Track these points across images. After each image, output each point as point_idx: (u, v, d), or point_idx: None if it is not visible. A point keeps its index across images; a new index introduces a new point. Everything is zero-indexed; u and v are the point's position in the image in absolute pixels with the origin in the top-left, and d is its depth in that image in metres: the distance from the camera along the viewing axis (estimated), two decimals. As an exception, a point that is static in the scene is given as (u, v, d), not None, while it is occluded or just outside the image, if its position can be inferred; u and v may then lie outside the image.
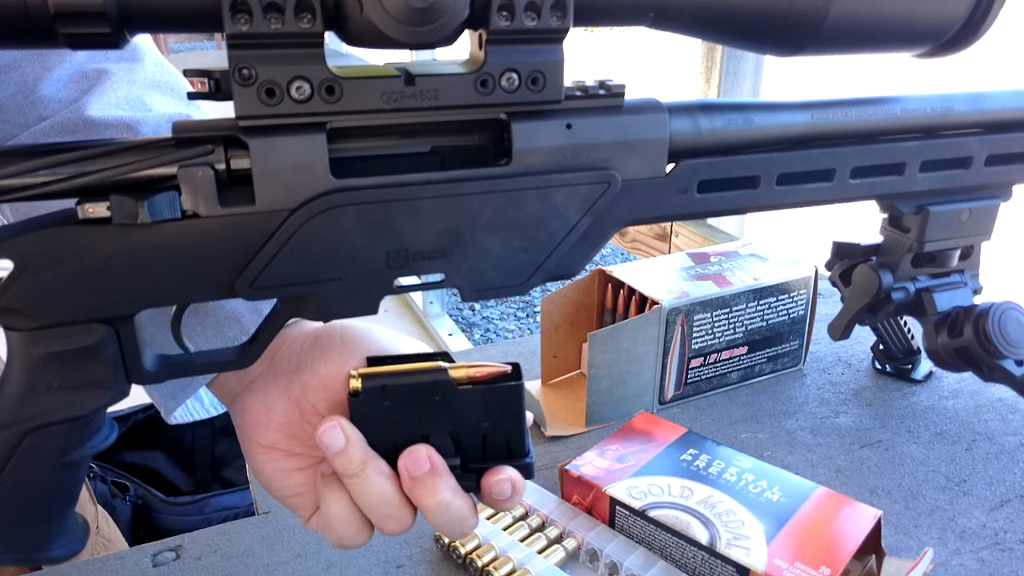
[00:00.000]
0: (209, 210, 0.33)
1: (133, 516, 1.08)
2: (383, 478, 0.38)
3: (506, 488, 0.38)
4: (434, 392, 0.38)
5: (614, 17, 0.35)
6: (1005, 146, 0.51)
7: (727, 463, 0.57)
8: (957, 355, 0.60)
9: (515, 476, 0.39)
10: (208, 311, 0.47)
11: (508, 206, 0.37)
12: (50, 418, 0.35)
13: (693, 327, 0.70)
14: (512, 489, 0.39)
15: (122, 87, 0.49)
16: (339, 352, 0.40)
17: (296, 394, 0.41)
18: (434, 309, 2.68)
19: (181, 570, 0.55)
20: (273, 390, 0.41)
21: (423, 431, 0.39)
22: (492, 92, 0.34)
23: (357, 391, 0.38)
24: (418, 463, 0.37)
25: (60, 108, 0.47)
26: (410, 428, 0.38)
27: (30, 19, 0.28)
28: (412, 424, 0.38)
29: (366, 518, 0.40)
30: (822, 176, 0.45)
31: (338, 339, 0.41)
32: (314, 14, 0.30)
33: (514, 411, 0.39)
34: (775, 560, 0.48)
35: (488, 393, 0.38)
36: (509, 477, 0.38)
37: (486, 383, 0.38)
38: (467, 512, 0.39)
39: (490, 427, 0.39)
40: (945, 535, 0.57)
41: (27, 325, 0.33)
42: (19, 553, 0.37)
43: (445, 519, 0.38)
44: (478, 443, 0.39)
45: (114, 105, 0.47)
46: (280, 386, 0.41)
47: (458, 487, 0.38)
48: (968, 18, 0.39)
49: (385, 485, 0.38)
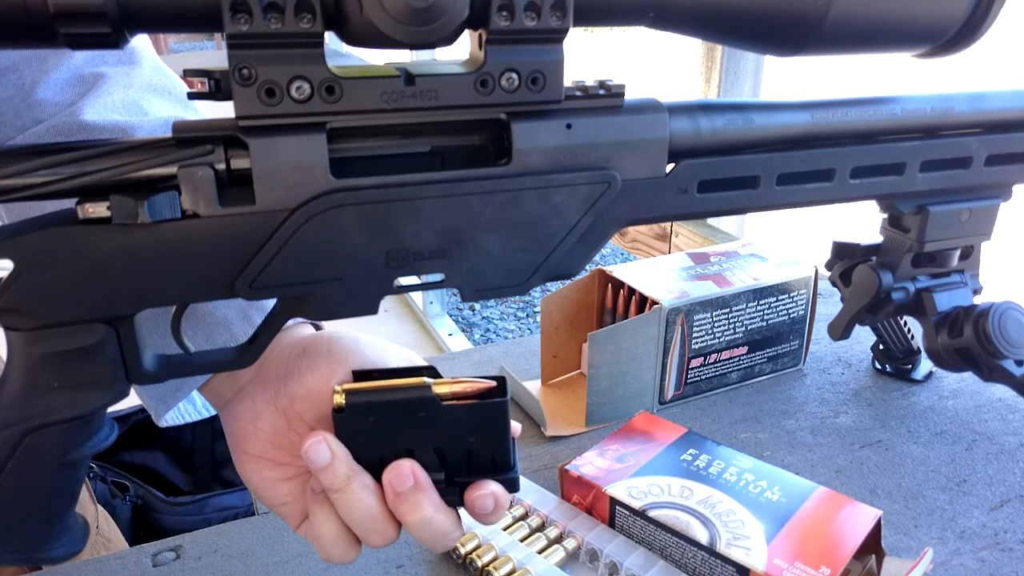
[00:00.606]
0: (209, 210, 0.33)
1: (133, 516, 1.08)
2: (368, 493, 0.38)
3: (489, 503, 0.39)
4: (419, 408, 0.38)
5: (614, 17, 0.35)
6: (1005, 146, 0.51)
7: (727, 463, 0.57)
8: (957, 355, 0.60)
9: (498, 491, 0.39)
10: (198, 317, 0.47)
11: (508, 206, 0.37)
12: (50, 418, 0.35)
13: (693, 327, 0.70)
14: (495, 504, 0.39)
15: (119, 91, 0.49)
16: (326, 363, 0.40)
17: (283, 404, 0.41)
18: (434, 309, 2.68)
19: (181, 570, 0.55)
20: (261, 399, 0.41)
21: (408, 446, 0.39)
22: (492, 92, 0.34)
23: (341, 407, 0.38)
24: (402, 478, 0.38)
25: (56, 111, 0.47)
26: (395, 443, 0.38)
27: (30, 19, 0.28)
28: (397, 439, 0.38)
29: (355, 536, 0.40)
30: (822, 176, 0.45)
31: (325, 350, 0.41)
32: (314, 14, 0.30)
33: (499, 426, 0.39)
34: (775, 560, 0.48)
35: (473, 409, 0.38)
36: (492, 492, 0.39)
37: (471, 399, 0.38)
38: (449, 527, 0.39)
39: (475, 442, 0.39)
40: (945, 535, 0.57)
41: (27, 325, 0.33)
42: (19, 553, 0.37)
43: (427, 534, 0.38)
44: (463, 457, 0.39)
45: (110, 109, 0.47)
46: (268, 395, 0.41)
47: (441, 502, 0.38)
48: (968, 18, 0.39)
49: (370, 500, 0.38)
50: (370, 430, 0.38)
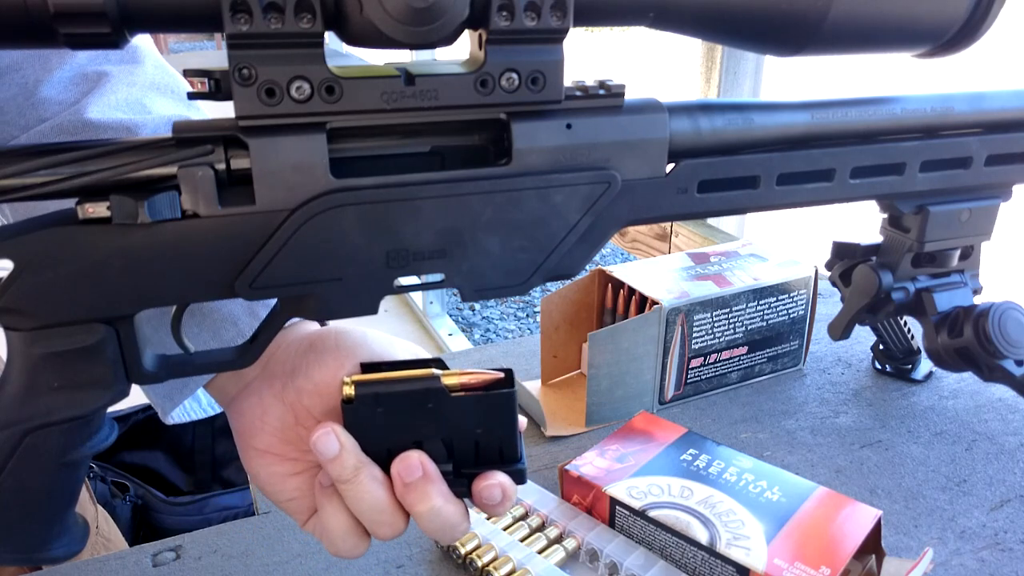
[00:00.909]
0: (209, 210, 0.33)
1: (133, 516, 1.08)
2: (376, 484, 0.38)
3: (496, 493, 0.39)
4: (427, 399, 0.38)
5: (614, 17, 0.35)
6: (1005, 146, 0.51)
7: (727, 463, 0.57)
8: (957, 355, 0.60)
9: (505, 481, 0.39)
10: (205, 313, 0.47)
11: (508, 206, 0.37)
12: (50, 418, 0.35)
13: (693, 327, 0.70)
14: (503, 494, 0.39)
15: (122, 89, 0.49)
16: (334, 357, 0.40)
17: (291, 399, 0.41)
18: (434, 309, 2.68)
19: (181, 570, 0.55)
20: (268, 394, 0.41)
21: (416, 437, 0.39)
22: (492, 92, 0.34)
23: (350, 398, 0.38)
24: (410, 469, 0.38)
25: (60, 110, 0.47)
26: (403, 434, 0.39)
27: (30, 19, 0.28)
28: (405, 430, 0.38)
29: (364, 530, 0.40)
30: (822, 176, 0.45)
31: (333, 344, 0.41)
32: (314, 14, 0.30)
33: (507, 417, 0.39)
34: (775, 560, 0.48)
35: (481, 400, 0.38)
36: (499, 482, 0.39)
37: (479, 390, 0.39)
38: (458, 518, 0.39)
39: (483, 433, 0.39)
40: (945, 535, 0.57)
41: (27, 325, 0.33)
42: (19, 553, 0.37)
43: (436, 524, 0.38)
44: (471, 449, 0.39)
45: (114, 107, 0.47)
46: (275, 390, 0.41)
47: (450, 493, 0.39)
48: (968, 18, 0.39)
49: (378, 491, 0.38)
50: (379, 421, 0.38)
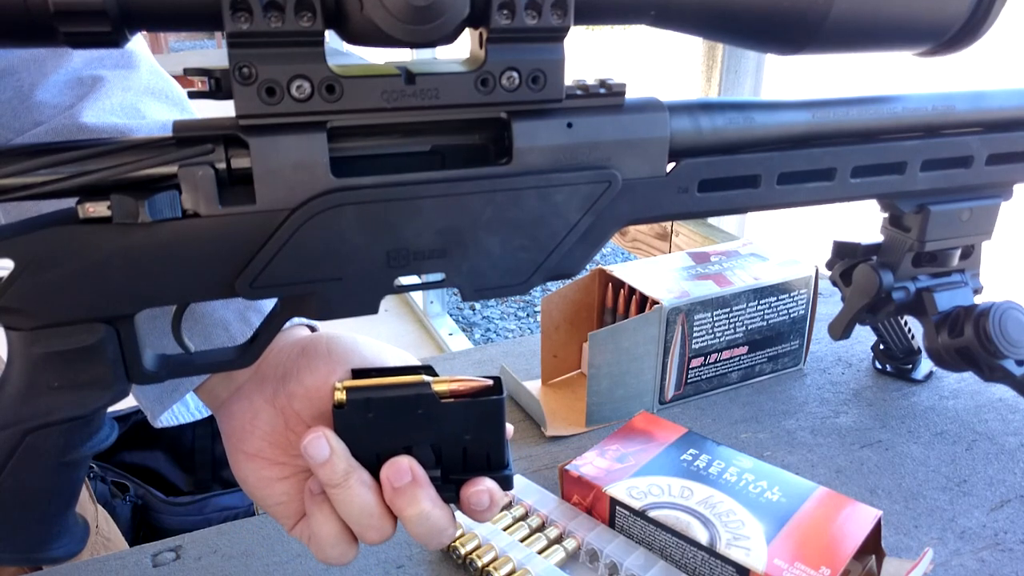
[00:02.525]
0: (210, 209, 0.33)
1: (133, 516, 1.08)
2: (365, 488, 0.38)
3: (484, 499, 0.39)
4: (417, 405, 0.38)
5: (615, 16, 0.35)
6: (1006, 145, 0.51)
7: (727, 463, 0.57)
8: (957, 355, 0.60)
9: (493, 487, 0.39)
10: (196, 318, 0.47)
11: (508, 205, 0.37)
12: (50, 418, 0.35)
13: (693, 327, 0.70)
14: (490, 500, 0.39)
15: (117, 94, 0.49)
16: (325, 363, 0.40)
17: (281, 403, 0.41)
18: (434, 309, 2.68)
19: (181, 570, 0.55)
20: (259, 398, 0.41)
21: (406, 443, 0.39)
22: (493, 91, 0.34)
23: (342, 403, 0.38)
24: (400, 474, 0.38)
25: (55, 114, 0.47)
26: (393, 440, 0.39)
27: (30, 18, 0.28)
28: (395, 436, 0.39)
29: (352, 536, 0.40)
30: (823, 175, 0.45)
31: (324, 350, 0.41)
32: (314, 12, 0.30)
33: (495, 424, 0.39)
34: (775, 560, 0.48)
35: (470, 407, 0.39)
36: (487, 488, 0.39)
37: (468, 397, 0.39)
38: (445, 523, 0.39)
39: (471, 440, 0.39)
40: (945, 535, 0.57)
41: (27, 325, 0.33)
42: (19, 553, 0.37)
43: (423, 529, 0.39)
44: (459, 455, 0.40)
45: (109, 112, 0.47)
46: (266, 394, 0.41)
47: (438, 498, 0.39)
48: (969, 17, 0.39)
49: (367, 495, 0.38)
50: (369, 427, 0.38)
